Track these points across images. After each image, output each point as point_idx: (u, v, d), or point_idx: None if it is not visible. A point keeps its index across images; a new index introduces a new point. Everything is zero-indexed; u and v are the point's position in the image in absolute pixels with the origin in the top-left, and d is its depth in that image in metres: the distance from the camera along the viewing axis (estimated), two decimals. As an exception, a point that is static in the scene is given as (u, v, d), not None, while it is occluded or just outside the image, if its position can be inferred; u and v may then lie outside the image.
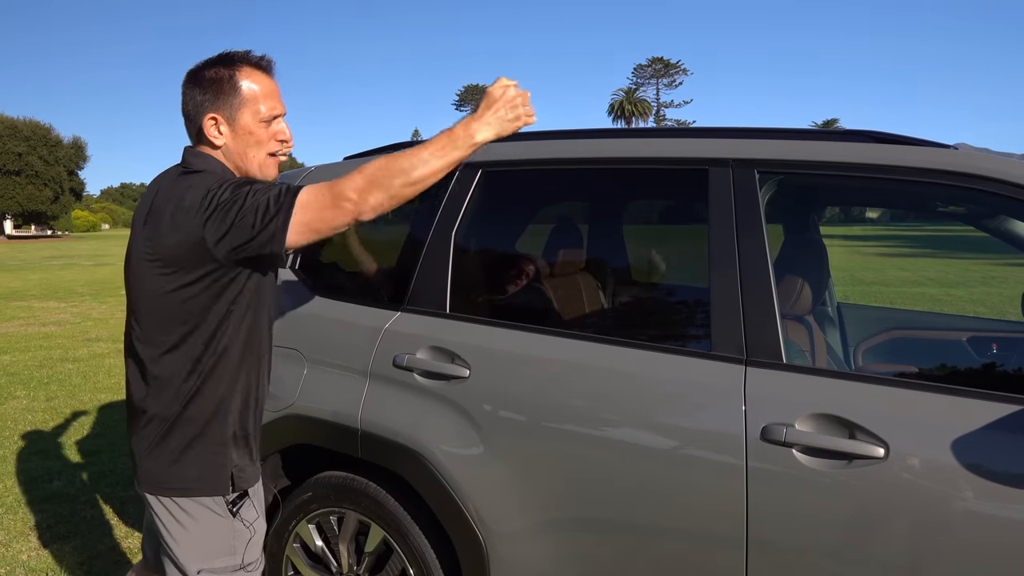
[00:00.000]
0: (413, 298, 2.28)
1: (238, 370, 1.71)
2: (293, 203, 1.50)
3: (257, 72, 1.68)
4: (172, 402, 1.66)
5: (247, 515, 1.75)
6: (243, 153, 1.69)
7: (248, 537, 1.75)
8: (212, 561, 1.70)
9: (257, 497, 1.82)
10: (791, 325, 2.17)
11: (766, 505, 1.67)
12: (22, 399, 6.31)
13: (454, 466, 2.04)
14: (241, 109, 1.66)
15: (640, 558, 1.84)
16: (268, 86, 1.69)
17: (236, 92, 1.65)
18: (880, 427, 1.60)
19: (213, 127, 1.66)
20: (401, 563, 2.18)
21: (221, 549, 1.71)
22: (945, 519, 1.52)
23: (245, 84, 1.66)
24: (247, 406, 1.76)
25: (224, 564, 1.71)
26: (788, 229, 2.57)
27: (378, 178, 1.48)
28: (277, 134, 1.71)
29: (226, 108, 1.65)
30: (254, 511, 1.78)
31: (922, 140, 1.87)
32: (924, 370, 2.25)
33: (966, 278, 13.99)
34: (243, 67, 1.67)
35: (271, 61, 1.72)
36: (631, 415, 1.85)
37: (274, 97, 1.70)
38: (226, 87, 1.65)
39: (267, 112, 1.68)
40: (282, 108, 1.72)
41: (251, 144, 1.68)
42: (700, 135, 2.04)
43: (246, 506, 1.76)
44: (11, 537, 3.59)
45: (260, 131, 1.68)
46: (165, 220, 1.57)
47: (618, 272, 2.60)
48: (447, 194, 2.32)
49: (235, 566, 1.72)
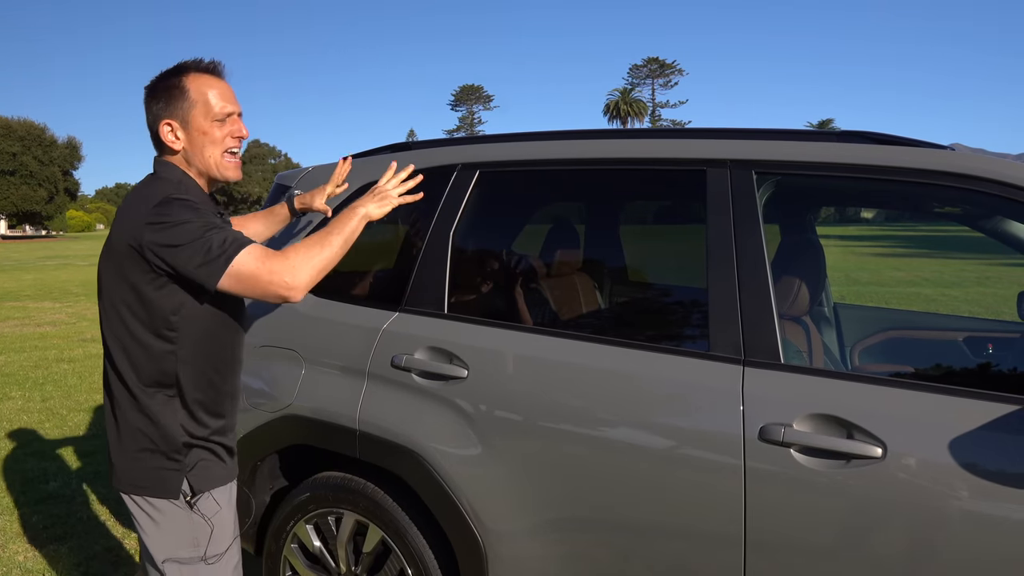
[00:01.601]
0: (411, 298, 2.28)
1: (196, 378, 1.75)
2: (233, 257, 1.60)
3: (205, 75, 1.76)
4: (129, 405, 1.72)
5: (206, 510, 1.79)
6: (200, 154, 1.75)
7: (208, 531, 1.79)
8: (176, 552, 1.77)
9: (223, 491, 1.84)
10: (788, 325, 2.18)
11: (764, 505, 1.68)
12: (17, 400, 6.29)
13: (452, 466, 2.04)
14: (192, 111, 1.73)
15: (638, 558, 1.85)
16: (218, 87, 1.76)
17: (185, 96, 1.73)
18: (878, 427, 1.61)
19: (169, 133, 1.74)
20: (399, 563, 2.18)
21: (184, 541, 1.77)
22: (942, 518, 1.53)
23: (193, 87, 1.73)
24: (208, 413, 1.79)
25: (188, 555, 1.77)
26: (785, 229, 2.58)
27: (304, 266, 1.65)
28: (232, 131, 1.78)
29: (178, 112, 1.73)
30: (215, 506, 1.80)
31: (918, 141, 1.88)
32: (921, 370, 2.26)
33: (961, 278, 14.03)
34: (191, 73, 1.75)
35: (219, 64, 1.79)
36: (629, 415, 1.85)
37: (224, 97, 1.76)
38: (176, 93, 1.72)
39: (218, 110, 1.74)
40: (234, 107, 1.78)
41: (206, 144, 1.75)
42: (697, 136, 2.05)
43: (204, 501, 1.79)
44: (7, 538, 3.58)
45: (213, 130, 1.75)
46: (120, 225, 1.67)
47: (616, 272, 2.61)
48: (445, 195, 2.32)
49: (197, 557, 1.78)
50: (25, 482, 4.32)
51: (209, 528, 1.78)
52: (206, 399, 1.78)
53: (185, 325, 1.70)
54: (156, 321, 1.67)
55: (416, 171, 2.17)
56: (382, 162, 2.53)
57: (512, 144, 2.32)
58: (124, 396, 1.72)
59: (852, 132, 1.93)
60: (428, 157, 2.43)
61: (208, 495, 1.79)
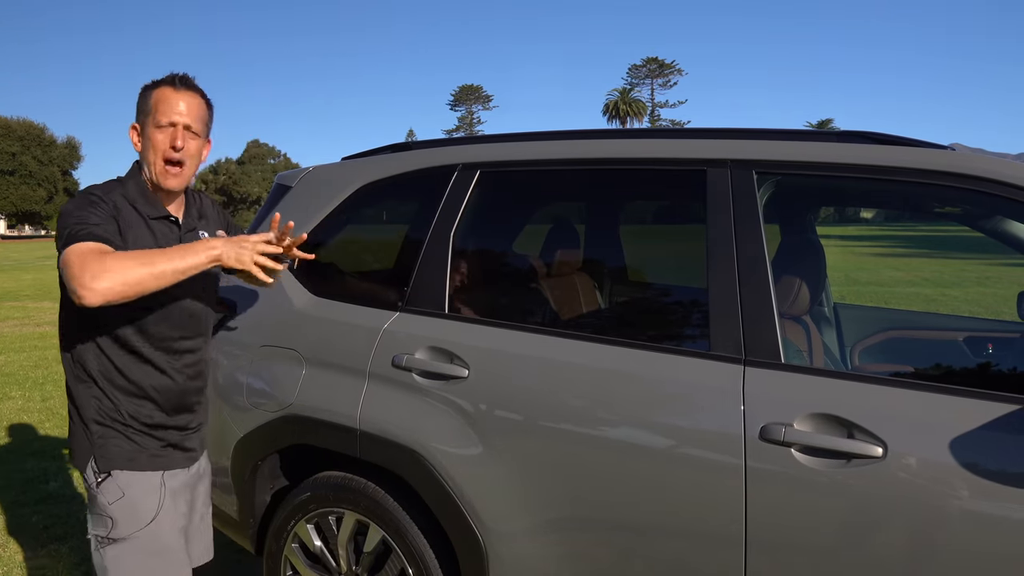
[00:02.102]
0: (412, 298, 2.28)
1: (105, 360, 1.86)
2: (69, 244, 1.66)
3: (167, 87, 1.86)
4: (70, 378, 1.89)
5: (107, 493, 1.85)
6: (145, 159, 1.88)
7: (107, 516, 1.85)
8: (95, 527, 1.89)
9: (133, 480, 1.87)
10: (789, 325, 2.18)
11: (765, 505, 1.68)
12: (17, 399, 6.29)
13: (453, 466, 2.04)
14: (146, 118, 1.86)
15: (639, 558, 1.85)
16: (172, 98, 1.85)
17: (146, 103, 1.86)
18: (878, 427, 1.61)
19: (134, 135, 1.90)
20: (400, 563, 2.18)
21: (97, 518, 1.88)
22: (943, 518, 1.53)
23: (155, 96, 1.86)
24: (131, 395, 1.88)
25: (101, 532, 1.87)
26: (786, 229, 2.58)
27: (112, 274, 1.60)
28: (171, 139, 1.84)
29: (140, 118, 1.88)
30: (117, 491, 1.85)
31: (918, 141, 1.88)
32: (921, 370, 2.26)
33: (961, 278, 14.04)
34: (161, 84, 1.88)
35: (187, 78, 1.89)
36: (630, 415, 1.85)
37: (173, 106, 1.85)
38: (143, 99, 1.88)
39: (160, 118, 1.84)
40: (179, 119, 1.85)
41: (148, 149, 1.86)
42: (698, 136, 2.05)
43: (108, 484, 1.85)
44: (8, 538, 3.58)
45: (156, 136, 1.85)
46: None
47: (617, 272, 2.61)
48: (446, 195, 2.33)
49: (104, 536, 1.86)
50: (25, 482, 4.32)
51: (107, 515, 1.85)
52: (117, 383, 1.87)
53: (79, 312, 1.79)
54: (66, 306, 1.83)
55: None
56: (381, 162, 2.53)
57: (513, 144, 2.32)
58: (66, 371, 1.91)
59: (852, 132, 1.94)
60: (429, 157, 2.43)
61: (112, 480, 1.85)
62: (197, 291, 1.98)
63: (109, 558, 1.86)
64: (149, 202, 1.88)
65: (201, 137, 1.91)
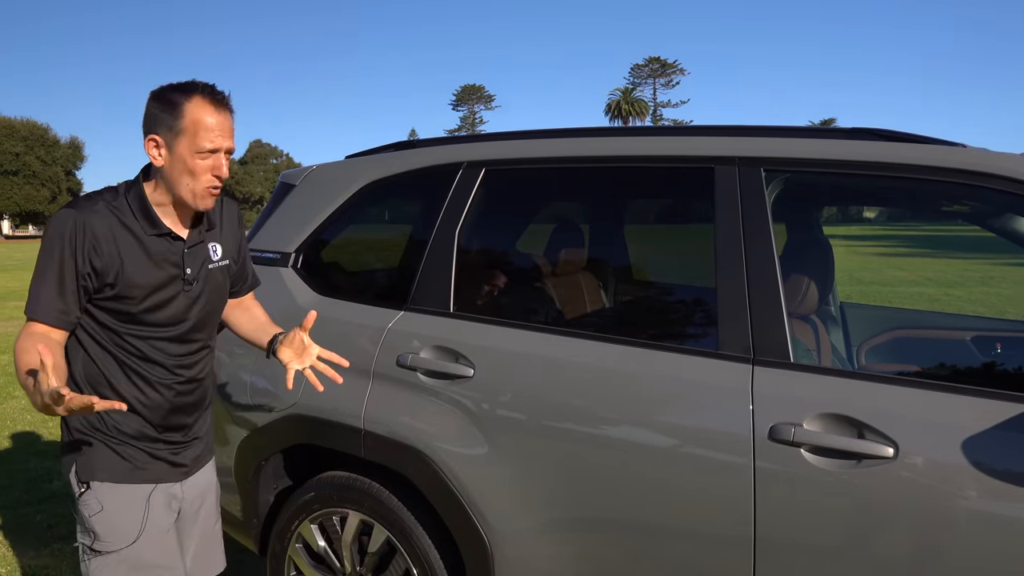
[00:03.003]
0: (416, 297, 2.27)
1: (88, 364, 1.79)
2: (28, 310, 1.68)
3: (207, 104, 1.69)
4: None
5: (87, 508, 1.80)
6: (176, 180, 1.71)
7: (89, 528, 1.81)
8: (82, 535, 1.85)
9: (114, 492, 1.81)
10: (797, 324, 2.16)
11: (774, 505, 1.66)
12: (20, 399, 6.29)
13: (458, 466, 2.03)
14: (179, 137, 1.68)
15: (646, 558, 1.83)
16: (214, 120, 1.69)
17: (179, 119, 1.67)
18: (889, 427, 1.59)
19: (153, 148, 1.70)
20: (404, 563, 2.17)
21: (82, 526, 1.84)
22: (955, 519, 1.51)
23: (190, 114, 1.67)
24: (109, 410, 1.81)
25: (87, 542, 1.83)
26: (794, 227, 2.56)
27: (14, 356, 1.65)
28: (214, 168, 1.71)
29: (167, 133, 1.68)
30: (96, 505, 1.80)
31: (929, 138, 1.86)
32: (930, 370, 2.24)
33: (964, 278, 13.99)
34: (195, 96, 1.68)
35: (225, 96, 1.73)
36: (637, 414, 1.84)
37: (216, 131, 1.69)
38: (172, 112, 1.67)
39: (205, 144, 1.68)
40: (224, 143, 1.72)
41: (184, 173, 1.70)
42: (705, 133, 2.04)
43: (87, 496, 1.81)
44: (12, 537, 3.57)
45: (194, 162, 1.69)
46: None
47: (624, 271, 2.59)
48: (450, 193, 2.31)
49: (88, 545, 1.83)
50: (29, 481, 4.31)
51: (89, 526, 1.81)
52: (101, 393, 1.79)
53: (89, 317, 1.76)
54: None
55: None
56: (385, 161, 2.52)
57: (518, 142, 2.31)
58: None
59: (862, 129, 1.92)
60: (433, 155, 2.42)
61: (92, 492, 1.80)
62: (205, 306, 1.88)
63: (92, 570, 1.82)
64: (148, 219, 1.75)
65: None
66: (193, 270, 1.83)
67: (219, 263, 1.92)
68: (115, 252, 1.71)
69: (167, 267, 1.78)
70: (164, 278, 1.78)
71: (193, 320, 1.86)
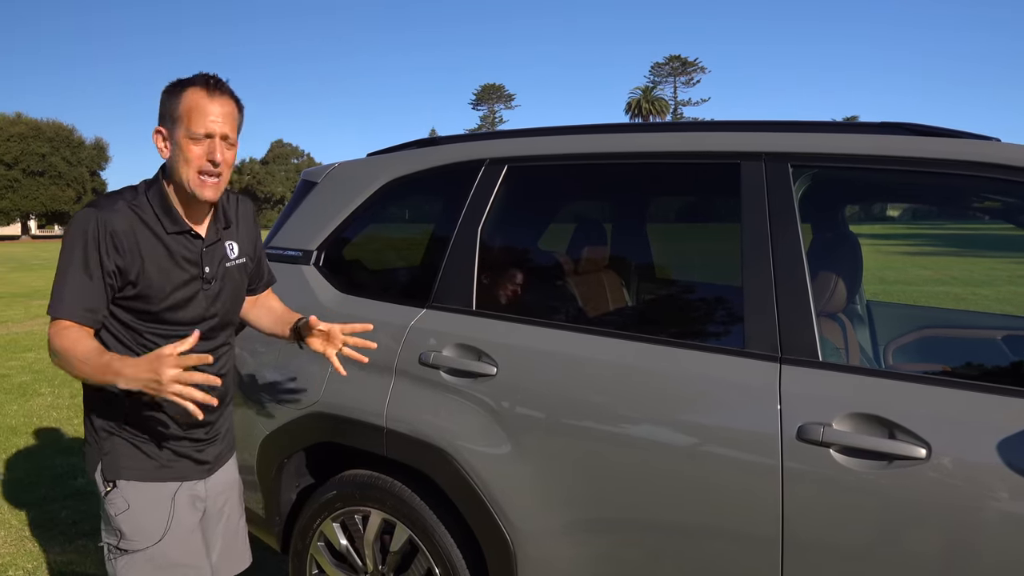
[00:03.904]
0: (439, 295, 2.26)
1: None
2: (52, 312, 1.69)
3: (201, 92, 1.71)
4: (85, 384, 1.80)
5: (114, 504, 1.81)
6: (175, 168, 1.74)
7: (116, 527, 1.81)
8: (108, 535, 1.86)
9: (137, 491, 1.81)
10: (825, 322, 2.13)
11: (803, 506, 1.63)
12: (47, 396, 6.36)
13: (481, 464, 2.02)
14: (177, 125, 1.71)
15: (671, 559, 1.81)
16: (207, 106, 1.70)
17: (176, 109, 1.71)
18: (921, 427, 1.56)
19: (160, 139, 1.75)
20: (427, 563, 2.16)
21: (108, 528, 1.85)
22: (988, 522, 1.48)
23: (185, 102, 1.70)
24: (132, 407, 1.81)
25: (112, 542, 1.84)
26: (822, 224, 2.52)
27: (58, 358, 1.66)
28: (208, 154, 1.72)
29: (167, 123, 1.73)
30: (123, 503, 1.80)
31: (963, 132, 1.82)
32: (961, 369, 2.19)
33: (991, 277, 13.78)
34: (191, 87, 1.72)
35: (220, 82, 1.74)
36: (662, 413, 1.81)
37: (209, 116, 1.70)
38: (172, 103, 1.72)
39: (195, 130, 1.70)
40: (218, 128, 1.71)
41: (180, 160, 1.72)
42: (731, 128, 2.01)
43: (114, 495, 1.81)
44: (37, 532, 3.61)
45: (190, 148, 1.70)
46: None
47: (648, 268, 2.57)
48: (473, 190, 2.30)
49: (114, 544, 1.84)
50: (54, 478, 4.36)
51: (115, 525, 1.81)
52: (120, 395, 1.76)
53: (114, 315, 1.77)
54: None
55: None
56: (407, 158, 2.51)
57: (541, 138, 2.29)
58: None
59: (892, 123, 1.88)
60: (455, 152, 2.40)
61: (118, 491, 1.80)
62: (224, 304, 1.89)
63: (119, 569, 1.83)
64: (168, 216, 1.76)
65: (236, 144, 1.79)
66: (211, 268, 1.84)
67: (236, 261, 1.93)
68: (136, 251, 1.72)
69: (186, 266, 1.79)
70: (184, 277, 1.79)
71: (213, 318, 1.86)
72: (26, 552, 3.41)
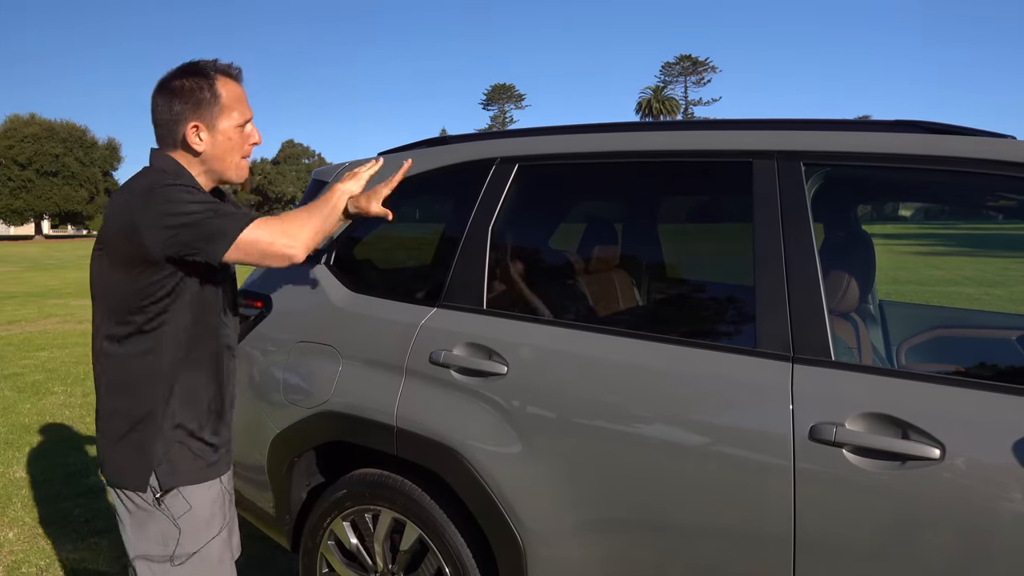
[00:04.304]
0: (449, 294, 2.25)
1: (175, 370, 1.75)
2: (244, 226, 1.66)
3: (230, 80, 1.79)
4: (109, 393, 1.75)
5: (173, 508, 1.76)
6: (222, 158, 1.79)
7: (176, 531, 1.76)
8: (148, 549, 1.77)
9: (195, 491, 1.80)
10: (837, 322, 2.12)
11: (815, 507, 1.62)
12: (60, 395, 6.41)
13: (491, 464, 2.01)
14: (220, 117, 1.76)
15: (682, 559, 1.80)
16: (240, 93, 1.81)
17: (217, 101, 1.75)
18: (935, 427, 1.54)
19: (195, 134, 1.75)
20: (436, 562, 2.16)
21: (153, 539, 1.76)
22: (1004, 523, 1.46)
23: (226, 93, 1.77)
24: (191, 405, 1.79)
25: (157, 553, 1.76)
26: (835, 223, 2.50)
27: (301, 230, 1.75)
28: (249, 137, 1.83)
29: (207, 116, 1.75)
30: (184, 504, 1.77)
31: (977, 130, 1.80)
32: (976, 369, 2.17)
33: (1005, 277, 13.66)
34: (220, 77, 1.77)
35: (240, 69, 1.83)
36: (673, 413, 1.80)
37: (245, 103, 1.81)
38: (206, 96, 1.75)
39: (241, 117, 1.79)
40: (251, 112, 1.84)
41: (230, 149, 1.79)
42: (743, 127, 2.00)
43: (173, 499, 1.76)
44: (50, 530, 3.63)
45: (237, 136, 1.80)
46: (109, 212, 1.70)
47: (659, 267, 2.56)
48: (483, 189, 2.29)
49: (165, 556, 1.76)
50: (67, 476, 4.39)
51: (176, 529, 1.77)
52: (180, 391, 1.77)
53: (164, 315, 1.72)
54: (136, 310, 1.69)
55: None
56: (418, 157, 2.51)
57: (551, 137, 2.28)
58: (105, 383, 1.76)
59: (905, 121, 1.87)
60: (466, 151, 2.40)
61: (177, 493, 1.77)
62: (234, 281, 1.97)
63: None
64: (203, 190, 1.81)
65: None
66: None
67: None
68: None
69: None
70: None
71: (231, 295, 1.93)
72: (38, 549, 3.44)
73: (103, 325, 1.74)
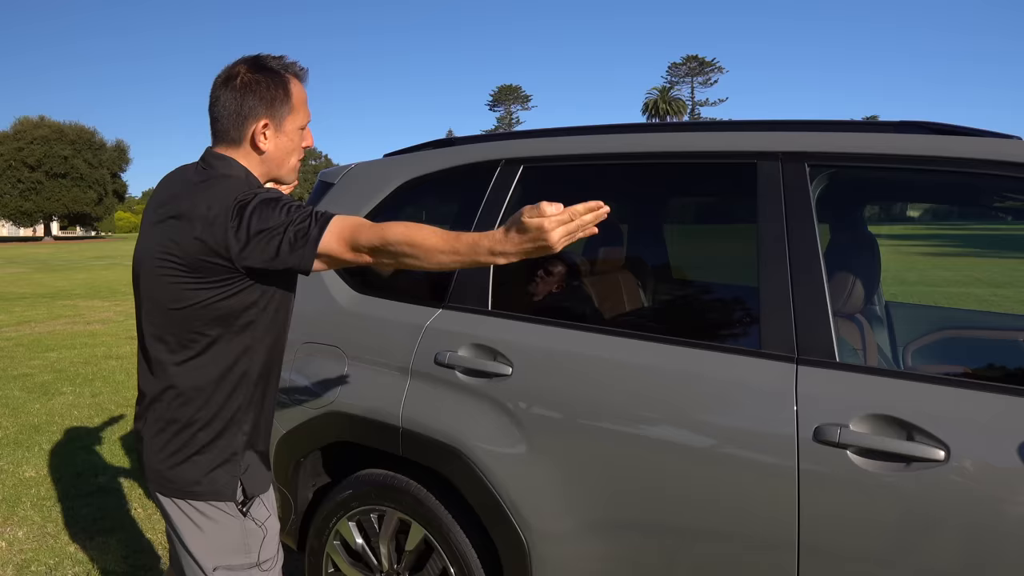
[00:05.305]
0: (455, 295, 2.26)
1: (259, 380, 1.71)
2: (324, 229, 1.51)
3: (298, 82, 1.73)
4: (187, 408, 1.64)
5: (258, 514, 1.75)
6: (282, 159, 1.72)
7: (261, 536, 1.74)
8: (228, 559, 1.70)
9: (268, 497, 1.81)
10: (842, 323, 2.11)
11: (819, 508, 1.62)
12: (68, 395, 6.44)
13: (496, 465, 2.02)
14: (288, 117, 1.69)
15: (686, 561, 1.80)
16: (305, 95, 1.75)
17: (288, 101, 1.68)
18: (940, 429, 1.54)
19: (262, 132, 1.66)
20: (441, 562, 2.17)
21: (236, 548, 1.70)
22: (1009, 525, 1.46)
23: (295, 94, 1.70)
24: (261, 414, 1.76)
25: (240, 562, 1.71)
26: (840, 224, 2.50)
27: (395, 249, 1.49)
28: (305, 140, 1.77)
29: (278, 115, 1.67)
30: (265, 510, 1.77)
31: (983, 131, 1.80)
32: (983, 371, 2.17)
33: (1014, 278, 13.60)
34: (291, 76, 1.71)
35: (306, 70, 1.76)
36: (677, 414, 1.81)
37: (307, 105, 1.75)
38: (279, 94, 1.67)
39: (304, 120, 1.74)
40: (311, 116, 1.78)
41: (291, 151, 1.73)
42: (748, 128, 2.00)
43: (256, 506, 1.75)
44: (58, 529, 3.66)
45: (297, 138, 1.73)
46: (187, 225, 1.55)
47: (664, 269, 2.56)
48: (488, 190, 2.30)
49: (251, 563, 1.72)
50: (76, 475, 4.41)
51: (262, 533, 1.74)
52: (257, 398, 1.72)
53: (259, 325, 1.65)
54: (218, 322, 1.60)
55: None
56: (423, 158, 2.52)
57: (557, 139, 2.29)
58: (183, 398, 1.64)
59: (910, 122, 1.86)
60: (472, 152, 2.41)
61: (259, 500, 1.76)
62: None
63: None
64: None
65: None
66: None
67: None
68: None
69: None
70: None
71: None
72: (47, 548, 3.46)
73: (175, 340, 1.62)
